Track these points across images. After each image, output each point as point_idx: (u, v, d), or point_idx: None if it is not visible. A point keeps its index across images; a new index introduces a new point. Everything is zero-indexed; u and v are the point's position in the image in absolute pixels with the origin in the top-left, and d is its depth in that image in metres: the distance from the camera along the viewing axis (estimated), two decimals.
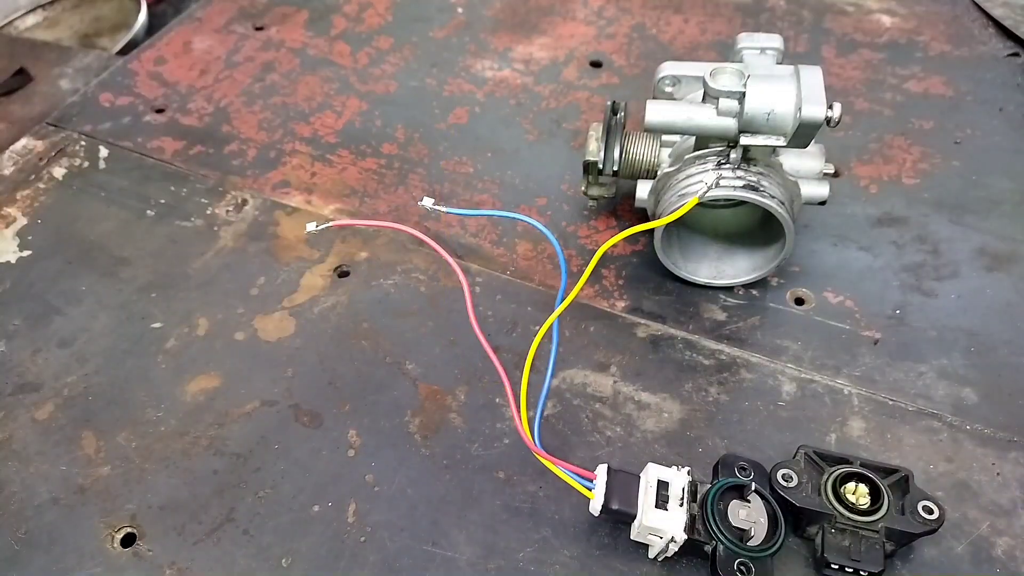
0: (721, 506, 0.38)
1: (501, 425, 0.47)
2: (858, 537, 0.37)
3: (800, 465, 0.40)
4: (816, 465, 0.40)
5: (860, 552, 0.37)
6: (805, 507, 0.38)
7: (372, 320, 0.53)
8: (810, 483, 0.39)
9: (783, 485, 0.39)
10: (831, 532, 0.38)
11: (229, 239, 0.59)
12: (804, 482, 0.39)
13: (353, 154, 0.65)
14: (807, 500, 0.38)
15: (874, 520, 0.38)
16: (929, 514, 0.38)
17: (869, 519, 0.38)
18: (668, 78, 0.52)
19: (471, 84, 0.71)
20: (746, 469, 0.40)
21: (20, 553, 0.42)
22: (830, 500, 0.38)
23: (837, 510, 0.38)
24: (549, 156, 0.64)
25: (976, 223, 0.57)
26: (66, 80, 0.78)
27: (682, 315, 0.52)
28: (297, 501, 0.44)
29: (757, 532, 0.37)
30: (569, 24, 0.78)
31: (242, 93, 0.71)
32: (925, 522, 0.37)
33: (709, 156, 0.47)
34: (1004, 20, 0.73)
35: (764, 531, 0.38)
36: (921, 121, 0.65)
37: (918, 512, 0.38)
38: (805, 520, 0.39)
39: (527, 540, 0.42)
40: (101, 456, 0.46)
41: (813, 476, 0.40)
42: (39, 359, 0.52)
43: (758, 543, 0.37)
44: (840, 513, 0.38)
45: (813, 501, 0.38)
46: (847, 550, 0.37)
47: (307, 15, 0.80)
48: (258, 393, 0.49)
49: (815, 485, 0.39)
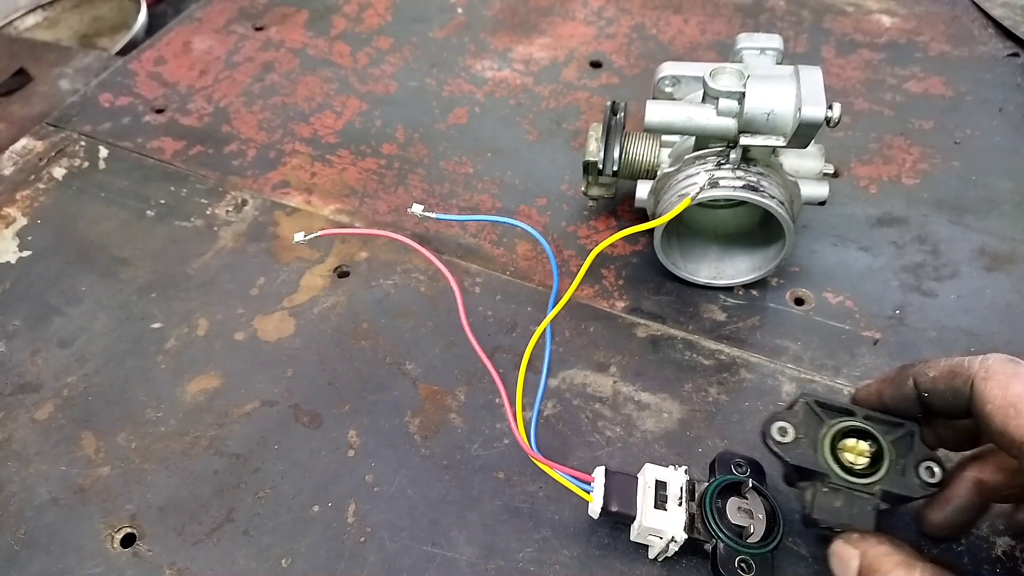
0: (719, 504, 0.38)
1: (501, 425, 0.47)
2: (851, 498, 0.35)
3: (799, 417, 0.37)
4: (816, 416, 0.37)
5: (851, 514, 0.35)
6: (798, 465, 0.35)
7: (372, 320, 0.53)
8: (807, 437, 0.36)
9: (777, 440, 0.36)
10: (823, 492, 0.35)
11: (229, 239, 0.59)
12: (800, 437, 0.36)
13: (353, 154, 0.65)
14: (801, 457, 0.36)
15: (871, 483, 0.35)
16: (930, 476, 0.35)
17: (865, 481, 0.35)
18: (668, 78, 0.52)
19: (471, 84, 0.71)
20: (742, 466, 0.40)
21: (20, 553, 0.42)
22: (826, 458, 0.35)
23: (832, 470, 0.35)
24: (549, 156, 0.64)
25: (976, 223, 0.57)
26: (66, 80, 0.78)
27: (682, 315, 0.52)
28: (297, 501, 0.44)
29: (756, 529, 0.37)
30: (569, 24, 0.78)
31: (242, 93, 0.71)
32: (925, 485, 0.35)
33: (709, 156, 0.47)
34: (1004, 20, 0.73)
35: (763, 527, 0.38)
36: (921, 121, 0.65)
37: (919, 474, 0.35)
38: (798, 476, 0.37)
39: (527, 540, 0.42)
40: (101, 456, 0.46)
41: (812, 429, 0.36)
42: (39, 359, 0.52)
43: (757, 540, 0.37)
44: (835, 473, 0.35)
45: (808, 458, 0.36)
46: (838, 511, 0.35)
47: (307, 15, 0.80)
48: (258, 393, 0.49)
49: (812, 439, 0.36)
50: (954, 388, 0.33)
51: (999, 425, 0.31)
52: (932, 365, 0.34)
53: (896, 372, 0.36)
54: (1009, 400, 0.31)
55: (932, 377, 0.34)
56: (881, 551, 0.33)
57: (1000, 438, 0.31)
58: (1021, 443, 0.30)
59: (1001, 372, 0.32)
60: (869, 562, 0.33)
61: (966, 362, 0.33)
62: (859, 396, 0.38)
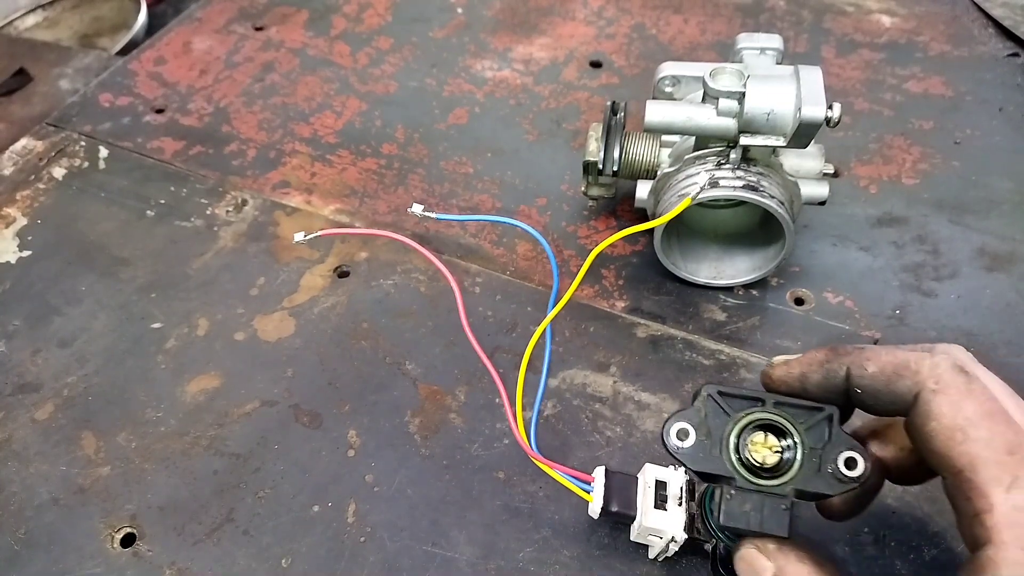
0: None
1: (501, 425, 0.47)
2: (762, 500, 0.31)
3: (701, 413, 0.32)
4: (721, 410, 0.32)
5: (762, 519, 0.31)
6: (701, 471, 0.32)
7: (372, 320, 0.53)
8: (710, 437, 0.32)
9: (676, 445, 0.32)
10: (728, 496, 0.31)
11: (229, 239, 0.59)
12: (703, 438, 0.32)
13: (353, 154, 0.65)
14: (703, 462, 0.32)
15: (782, 483, 0.31)
16: (851, 468, 0.31)
17: (776, 482, 0.31)
18: (668, 78, 0.52)
19: (471, 84, 0.71)
20: None
21: (20, 553, 0.42)
22: (731, 459, 0.32)
23: (739, 472, 0.31)
24: (549, 156, 0.64)
25: (976, 223, 0.57)
26: (66, 80, 0.78)
27: (682, 315, 0.52)
28: (297, 501, 0.44)
29: None
30: (569, 24, 0.78)
31: (242, 93, 0.71)
32: (844, 480, 0.31)
33: (709, 156, 0.47)
34: (1004, 20, 0.73)
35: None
36: (921, 121, 0.65)
37: (838, 466, 0.31)
38: (702, 480, 0.33)
39: (527, 540, 0.42)
40: (101, 456, 0.46)
41: (716, 424, 0.32)
42: (39, 359, 0.52)
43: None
44: (741, 476, 0.31)
45: (712, 462, 0.32)
46: (747, 516, 0.31)
47: (307, 15, 0.80)
48: (258, 393, 0.49)
49: (717, 438, 0.32)
50: (895, 393, 0.30)
51: (940, 446, 0.28)
52: (872, 357, 0.30)
53: (827, 355, 0.32)
54: (958, 423, 0.27)
55: (871, 374, 0.30)
56: (801, 572, 0.29)
57: (936, 458, 0.28)
58: (959, 471, 0.27)
59: (953, 386, 0.28)
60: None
61: (912, 363, 0.29)
62: (775, 375, 0.33)
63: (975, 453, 0.27)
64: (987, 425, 0.27)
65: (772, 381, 0.33)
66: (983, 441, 0.27)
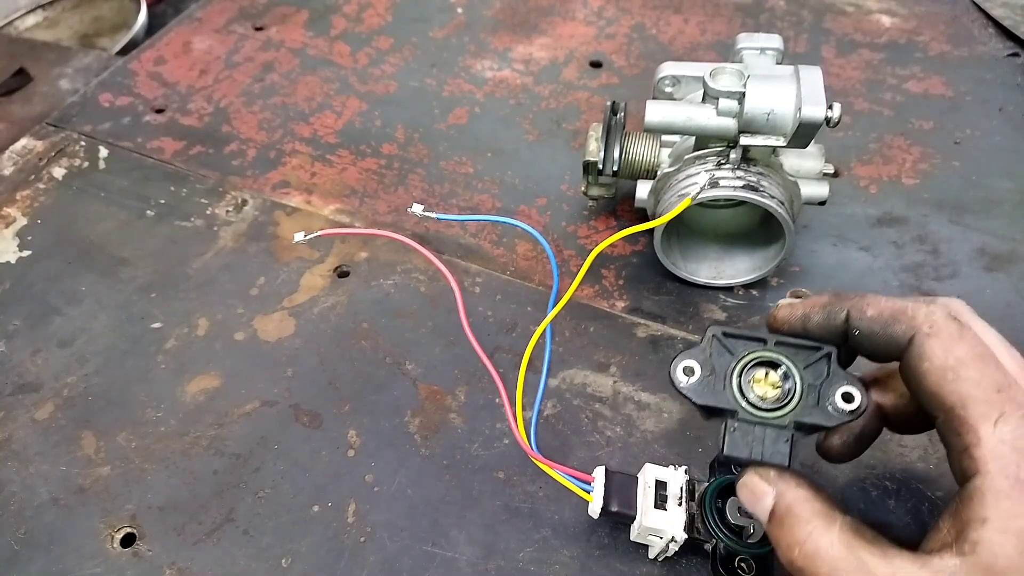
0: (719, 504, 0.38)
1: (501, 425, 0.47)
2: (763, 432, 0.33)
3: (706, 352, 0.34)
4: (725, 349, 0.34)
5: (763, 449, 0.33)
6: (705, 405, 0.34)
7: (372, 320, 0.53)
8: (715, 374, 0.34)
9: (681, 381, 0.34)
10: (733, 429, 0.33)
11: (229, 239, 0.59)
12: (707, 374, 0.34)
13: (353, 154, 0.65)
14: (707, 396, 0.34)
15: (782, 415, 0.33)
16: (848, 402, 0.32)
17: (777, 414, 0.33)
18: (668, 78, 0.52)
19: (471, 84, 0.71)
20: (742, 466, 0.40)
21: (20, 553, 0.42)
22: (734, 394, 0.33)
23: (741, 406, 0.33)
24: (549, 156, 0.64)
25: (976, 223, 0.57)
26: (66, 80, 0.78)
27: (682, 315, 0.52)
28: (297, 501, 0.44)
29: (756, 529, 0.37)
30: (569, 24, 0.78)
31: (242, 93, 0.71)
32: (841, 412, 0.32)
33: (709, 156, 0.47)
34: (1004, 20, 0.73)
35: (762, 530, 0.37)
36: (921, 121, 0.65)
37: (835, 400, 0.32)
38: (707, 415, 0.35)
39: (527, 540, 0.42)
40: (101, 456, 0.46)
41: (721, 363, 0.34)
42: (39, 359, 0.52)
43: (757, 540, 0.37)
44: (743, 409, 0.33)
45: (716, 397, 0.34)
46: (749, 446, 0.33)
47: (307, 15, 0.80)
48: (258, 393, 0.49)
49: (721, 375, 0.34)
50: (891, 335, 0.31)
51: (932, 386, 0.30)
52: (872, 302, 0.32)
53: (829, 299, 0.33)
54: (949, 363, 0.29)
55: (870, 317, 0.32)
56: (800, 496, 0.31)
57: (928, 398, 0.30)
58: (950, 408, 0.29)
59: (946, 331, 0.30)
60: (787, 505, 0.31)
61: (910, 308, 0.31)
62: (780, 316, 0.35)
63: (965, 391, 0.29)
64: (977, 366, 0.29)
65: (776, 321, 0.35)
66: (972, 380, 0.29)
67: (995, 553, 0.26)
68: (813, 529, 0.30)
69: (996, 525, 0.27)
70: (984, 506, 0.27)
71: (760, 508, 0.32)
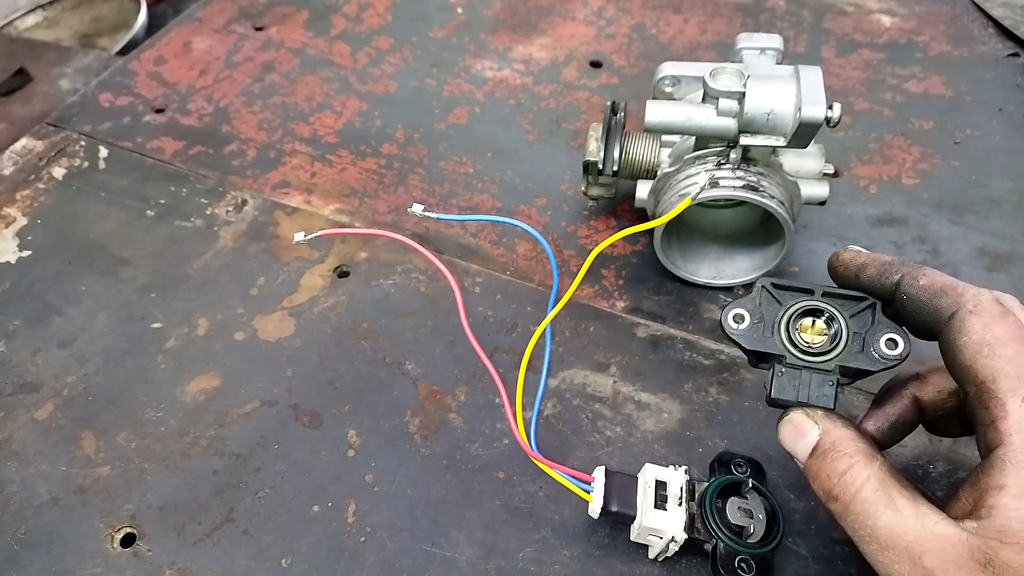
0: (719, 504, 0.38)
1: (501, 425, 0.47)
2: (810, 376, 0.34)
3: (756, 302, 0.36)
4: (774, 299, 0.36)
5: (810, 392, 0.34)
6: (755, 350, 0.35)
7: (372, 320, 0.53)
8: (764, 321, 0.35)
9: (732, 327, 0.35)
10: (781, 372, 0.35)
11: (229, 239, 0.59)
12: (756, 322, 0.35)
13: (353, 154, 0.65)
14: (757, 342, 0.35)
15: (828, 360, 0.34)
16: (892, 348, 0.33)
17: (822, 359, 0.34)
18: (668, 78, 0.52)
19: (471, 84, 0.71)
20: (742, 466, 0.40)
21: (20, 553, 0.42)
22: (783, 340, 0.35)
23: (788, 351, 0.35)
24: (549, 156, 0.64)
25: (976, 223, 0.57)
26: (66, 80, 0.78)
27: (682, 315, 0.52)
28: (297, 501, 0.44)
29: (756, 529, 0.37)
30: (569, 24, 0.78)
31: (242, 93, 0.71)
32: (885, 358, 0.33)
33: (709, 156, 0.47)
34: (1004, 20, 0.73)
35: (763, 527, 0.38)
36: (921, 121, 0.65)
37: (879, 346, 0.33)
38: (756, 360, 0.36)
39: (527, 540, 0.42)
40: (101, 456, 0.46)
41: (769, 312, 0.36)
42: (39, 359, 0.52)
43: (758, 540, 0.37)
44: (791, 353, 0.35)
45: (764, 342, 0.35)
46: (796, 389, 0.34)
47: (307, 15, 0.80)
48: (258, 393, 0.49)
49: (770, 322, 0.35)
50: (936, 307, 0.32)
51: (967, 359, 0.31)
52: (927, 274, 0.33)
53: (892, 260, 0.35)
54: (987, 339, 0.30)
55: (921, 286, 0.33)
56: (846, 434, 0.33)
57: (964, 372, 0.31)
58: (982, 381, 0.30)
59: (989, 311, 0.31)
60: (833, 441, 0.33)
61: (960, 288, 0.32)
62: (843, 257, 0.37)
63: (998, 367, 0.30)
64: (1014, 345, 0.30)
65: (838, 260, 0.37)
66: (1007, 357, 0.30)
67: (1009, 517, 0.28)
68: (855, 463, 0.32)
69: (1013, 491, 0.28)
70: (1004, 474, 0.28)
71: (802, 444, 0.34)
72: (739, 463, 0.40)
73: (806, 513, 0.37)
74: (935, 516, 0.29)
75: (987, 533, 0.28)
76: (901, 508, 0.30)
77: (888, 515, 0.30)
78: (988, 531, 0.28)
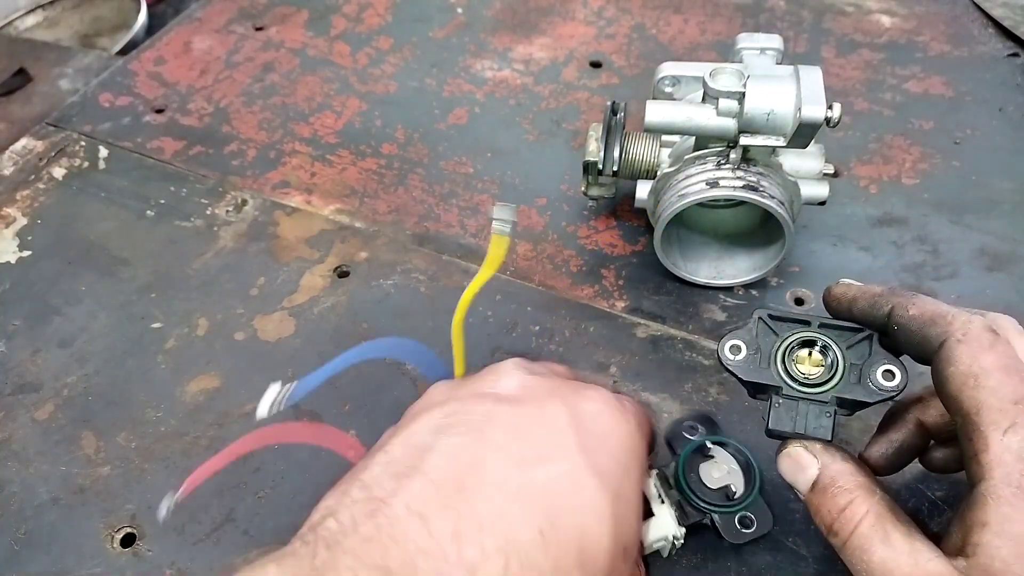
0: (693, 477, 0.37)
1: None
2: (807, 407, 0.34)
3: (752, 333, 0.36)
4: (770, 330, 0.36)
5: (807, 423, 0.34)
6: (751, 381, 0.35)
7: (372, 320, 0.53)
8: (760, 352, 0.35)
9: (729, 359, 0.35)
10: (778, 404, 0.34)
11: (229, 239, 0.59)
12: (753, 352, 0.35)
13: (353, 154, 0.65)
14: (753, 373, 0.35)
15: (825, 391, 0.34)
16: (889, 380, 0.33)
17: (819, 390, 0.34)
18: (668, 78, 0.52)
19: (471, 84, 0.71)
20: (694, 427, 0.40)
21: (20, 553, 0.42)
22: (779, 372, 0.35)
23: (785, 382, 0.35)
24: (549, 156, 0.64)
25: (976, 223, 0.57)
26: (66, 80, 0.78)
27: (682, 315, 0.52)
28: (297, 501, 0.44)
29: (736, 482, 0.37)
30: (569, 24, 0.78)
31: (242, 93, 0.71)
32: (882, 389, 0.33)
33: (709, 156, 0.47)
34: (1004, 20, 0.73)
35: (742, 477, 0.37)
36: (921, 121, 0.65)
37: (876, 378, 0.33)
38: (754, 391, 0.36)
39: None
40: (101, 456, 0.46)
41: (766, 343, 0.36)
42: (39, 359, 0.52)
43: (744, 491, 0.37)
44: (787, 385, 0.34)
45: (761, 374, 0.35)
46: (793, 420, 0.34)
47: (307, 15, 0.80)
48: (258, 393, 0.49)
49: (767, 353, 0.35)
50: (926, 336, 0.32)
51: (954, 390, 0.30)
52: (917, 303, 0.33)
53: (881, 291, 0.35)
54: (973, 370, 0.30)
55: (911, 315, 0.33)
56: (844, 469, 0.33)
57: (950, 401, 0.31)
58: (967, 413, 0.30)
59: (977, 340, 0.31)
60: (832, 476, 0.33)
61: (950, 316, 0.32)
62: (835, 292, 0.37)
63: (982, 399, 0.29)
64: (999, 376, 0.30)
65: (830, 294, 0.37)
66: (990, 389, 0.29)
67: (991, 556, 0.27)
68: (855, 499, 0.32)
69: (994, 529, 0.28)
70: (985, 511, 0.28)
71: (802, 478, 0.34)
72: (690, 426, 0.40)
73: (806, 513, 0.36)
74: (929, 553, 0.29)
75: (974, 573, 0.28)
76: (895, 544, 0.30)
77: (882, 551, 0.30)
78: (974, 570, 0.28)
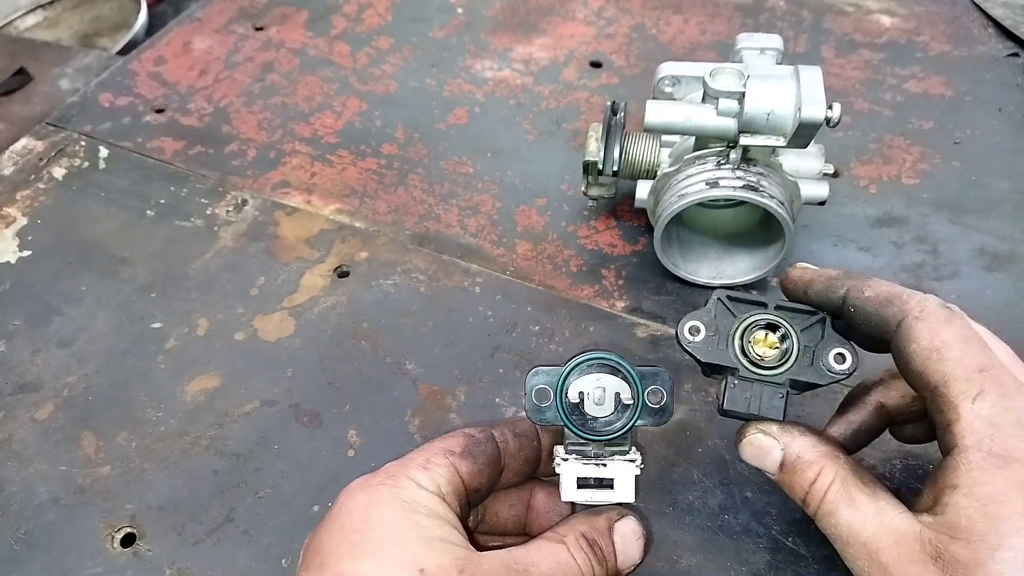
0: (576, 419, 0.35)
1: None
2: (760, 388, 0.35)
3: (711, 314, 0.36)
4: (728, 312, 0.36)
5: (760, 404, 0.35)
6: (708, 362, 0.35)
7: (372, 320, 0.53)
8: (718, 333, 0.36)
9: (687, 339, 0.36)
10: (733, 384, 0.35)
11: (229, 239, 0.59)
12: (711, 334, 0.36)
13: (353, 154, 0.65)
14: (711, 354, 0.36)
15: (779, 373, 0.35)
16: (840, 363, 0.34)
17: (773, 372, 0.35)
18: (668, 78, 0.52)
19: (471, 84, 0.71)
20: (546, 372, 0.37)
21: (20, 553, 0.42)
22: (735, 352, 0.35)
23: (741, 363, 0.35)
24: (549, 156, 0.64)
25: (976, 223, 0.57)
26: (66, 80, 0.78)
27: (682, 315, 0.52)
28: (297, 501, 0.44)
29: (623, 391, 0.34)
30: (569, 24, 0.78)
31: (242, 93, 0.71)
32: (833, 372, 0.34)
33: (709, 156, 0.47)
34: (1004, 20, 0.73)
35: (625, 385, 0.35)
36: (921, 121, 0.65)
37: (828, 361, 0.34)
38: (710, 371, 0.37)
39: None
40: (101, 456, 0.46)
41: (724, 324, 0.36)
42: (39, 359, 0.52)
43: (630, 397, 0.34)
44: (743, 366, 0.35)
45: (717, 354, 0.35)
46: (747, 401, 0.35)
47: (307, 15, 0.80)
48: (258, 393, 0.49)
49: (724, 335, 0.36)
50: (883, 317, 0.33)
51: (918, 366, 0.31)
52: (872, 285, 0.34)
53: (837, 274, 0.35)
54: (935, 344, 0.31)
55: (866, 297, 0.33)
56: (806, 443, 0.34)
57: (916, 378, 0.32)
58: (935, 387, 0.31)
59: (935, 315, 0.31)
60: (796, 453, 0.34)
61: (905, 295, 0.32)
62: (791, 275, 0.37)
63: (948, 371, 0.30)
64: (961, 347, 0.31)
65: (787, 277, 0.38)
66: (955, 360, 0.30)
67: (959, 515, 0.29)
68: (822, 469, 0.33)
69: (963, 491, 0.29)
70: (957, 475, 0.29)
71: (768, 461, 0.34)
72: (543, 371, 0.37)
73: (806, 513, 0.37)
74: (893, 511, 0.31)
75: (939, 528, 0.29)
76: (860, 505, 0.31)
77: (848, 512, 0.31)
78: (940, 526, 0.29)
